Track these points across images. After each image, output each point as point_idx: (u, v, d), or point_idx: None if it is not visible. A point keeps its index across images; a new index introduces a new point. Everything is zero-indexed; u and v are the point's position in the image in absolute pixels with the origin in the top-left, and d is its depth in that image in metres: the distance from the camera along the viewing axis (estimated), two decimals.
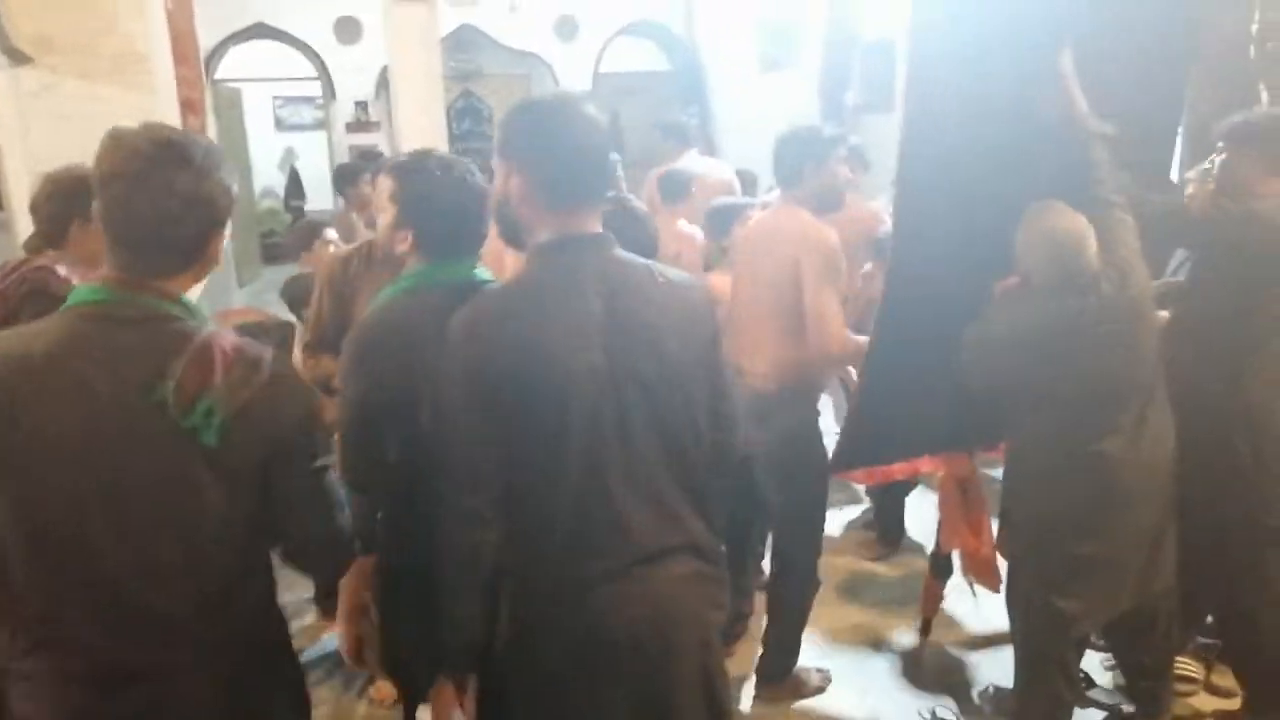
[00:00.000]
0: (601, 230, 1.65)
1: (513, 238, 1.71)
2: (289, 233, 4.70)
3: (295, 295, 3.74)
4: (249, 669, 1.55)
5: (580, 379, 1.53)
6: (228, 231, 1.56)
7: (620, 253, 1.65)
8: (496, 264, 2.35)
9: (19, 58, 3.60)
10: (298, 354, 3.21)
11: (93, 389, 1.39)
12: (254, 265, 9.57)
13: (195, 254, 1.51)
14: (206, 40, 7.72)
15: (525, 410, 1.53)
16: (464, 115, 9.95)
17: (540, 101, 1.67)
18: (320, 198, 11.70)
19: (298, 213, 12.43)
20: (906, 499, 4.21)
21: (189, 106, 5.29)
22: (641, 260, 1.66)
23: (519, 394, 1.53)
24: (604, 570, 1.57)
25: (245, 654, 1.54)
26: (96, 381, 1.39)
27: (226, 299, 6.06)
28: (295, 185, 12.90)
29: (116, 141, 1.44)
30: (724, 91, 9.37)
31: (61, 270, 2.28)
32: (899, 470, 3.57)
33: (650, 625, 1.59)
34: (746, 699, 3.08)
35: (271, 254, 10.81)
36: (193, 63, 5.70)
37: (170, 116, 4.59)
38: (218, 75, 9.20)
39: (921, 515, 4.36)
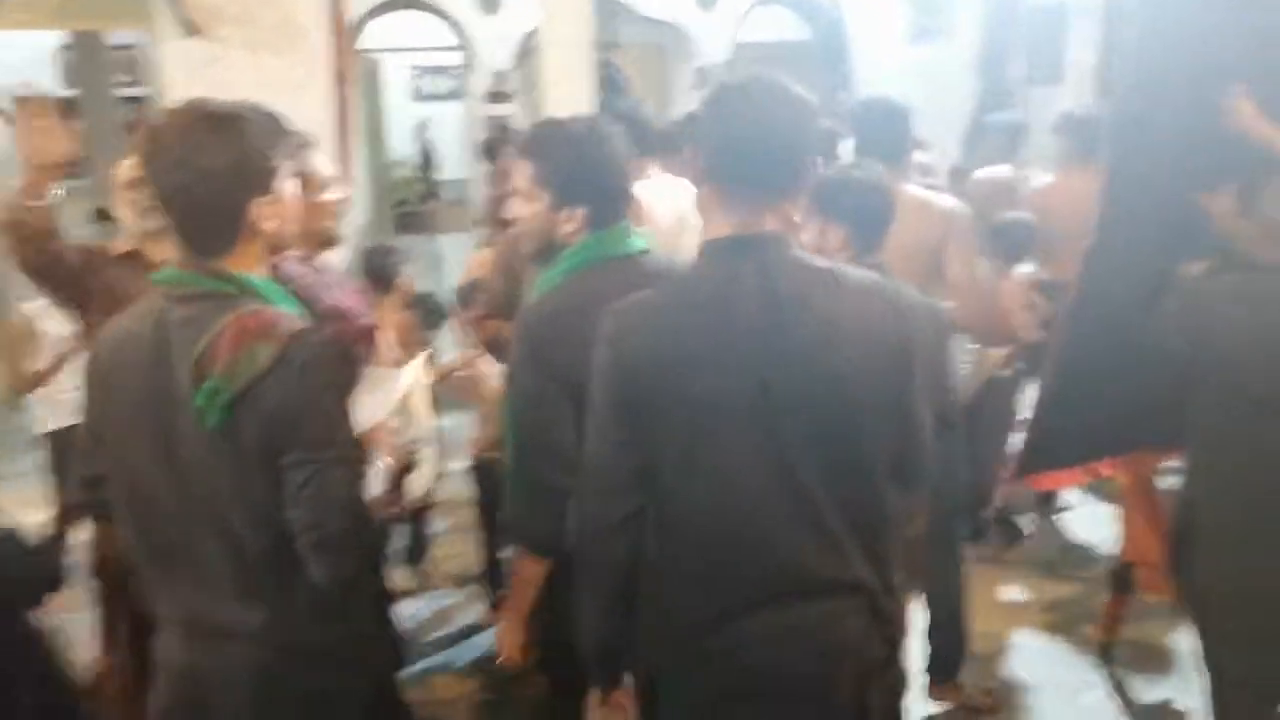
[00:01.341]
0: (780, 230, 1.48)
1: None
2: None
3: (379, 268, 3.19)
4: (294, 666, 1.50)
5: (725, 399, 1.41)
6: (274, 200, 1.47)
7: (797, 255, 1.48)
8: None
9: (191, 28, 3.65)
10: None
11: (155, 364, 1.43)
12: (387, 234, 9.71)
13: (235, 228, 1.46)
14: (354, 11, 7.82)
15: (660, 427, 1.44)
16: (600, 86, 9.81)
17: (731, 83, 1.52)
18: (454, 167, 11.86)
19: (431, 183, 12.66)
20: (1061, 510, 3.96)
21: (341, 77, 5.33)
22: (821, 265, 1.49)
23: (655, 408, 1.43)
24: (749, 601, 1.46)
25: (291, 649, 1.49)
26: (157, 357, 1.43)
27: None
28: (429, 155, 13.11)
29: (149, 127, 1.44)
30: (869, 63, 9.01)
31: None
32: (1078, 475, 3.31)
33: (804, 660, 1.47)
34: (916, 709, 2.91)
35: (405, 223, 11.01)
36: (345, 34, 5.75)
37: (326, 87, 4.62)
38: (360, 46, 9.34)
39: (1091, 527, 4.10)
